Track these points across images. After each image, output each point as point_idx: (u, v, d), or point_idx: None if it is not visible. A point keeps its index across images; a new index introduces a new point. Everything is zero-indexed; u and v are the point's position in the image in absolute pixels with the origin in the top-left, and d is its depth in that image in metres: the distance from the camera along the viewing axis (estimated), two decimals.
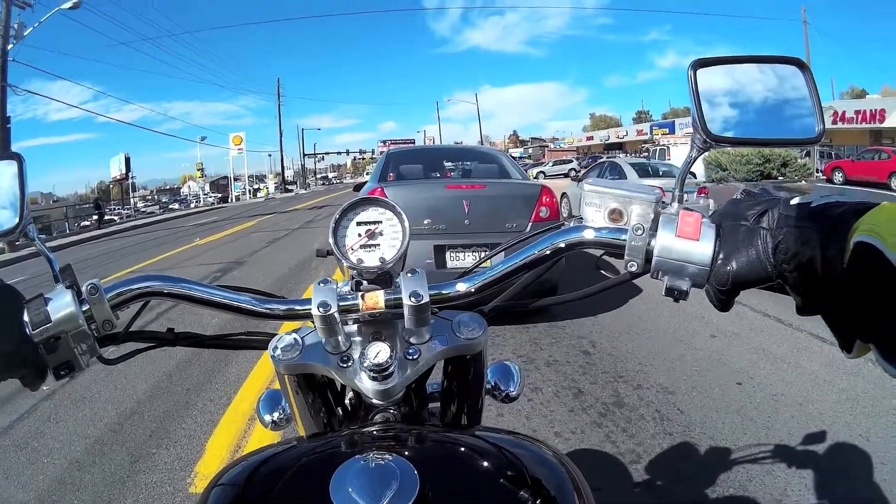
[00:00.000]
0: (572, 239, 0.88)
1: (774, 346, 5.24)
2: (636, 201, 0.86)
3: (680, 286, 0.79)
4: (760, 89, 0.92)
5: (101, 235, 27.82)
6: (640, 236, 0.81)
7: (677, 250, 0.78)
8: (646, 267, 0.82)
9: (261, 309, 0.91)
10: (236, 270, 10.91)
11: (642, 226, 0.82)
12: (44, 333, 0.80)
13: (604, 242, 0.86)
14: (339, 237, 0.87)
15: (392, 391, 0.82)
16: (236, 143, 65.95)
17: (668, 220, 0.80)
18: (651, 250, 0.80)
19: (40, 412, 4.49)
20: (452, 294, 0.91)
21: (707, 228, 0.78)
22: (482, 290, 0.91)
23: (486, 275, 0.91)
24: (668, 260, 0.79)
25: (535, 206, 5.91)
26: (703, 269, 0.77)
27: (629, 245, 0.82)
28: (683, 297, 0.80)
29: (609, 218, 0.87)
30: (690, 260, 0.78)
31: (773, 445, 3.44)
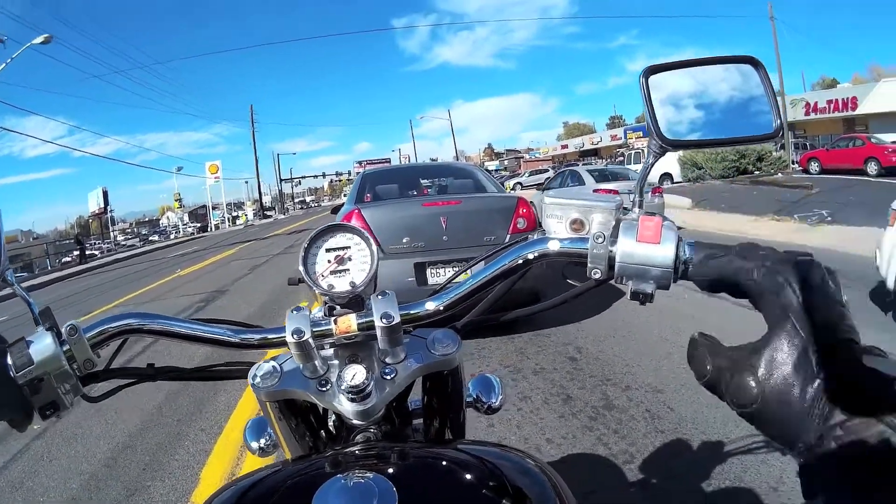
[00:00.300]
0: (536, 251, 0.89)
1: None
2: (596, 210, 0.89)
3: (644, 289, 0.80)
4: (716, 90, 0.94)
5: (83, 271, 27.74)
6: (601, 244, 0.82)
7: (639, 255, 0.79)
8: (609, 273, 0.83)
9: (236, 339, 0.92)
10: (219, 299, 10.86)
11: (603, 233, 0.83)
12: (27, 375, 0.80)
13: (567, 252, 0.87)
14: (309, 265, 0.89)
15: (371, 411, 0.83)
16: (213, 172, 65.74)
17: (628, 226, 0.81)
18: (613, 256, 0.81)
19: (33, 451, 4.44)
20: (422, 313, 0.92)
21: (667, 231, 0.79)
22: (451, 307, 0.92)
23: (454, 292, 0.93)
24: (630, 265, 0.80)
25: (512, 218, 5.92)
26: (667, 272, 0.78)
27: (591, 253, 0.83)
28: (649, 300, 0.80)
29: (571, 228, 0.90)
30: (652, 263, 0.79)
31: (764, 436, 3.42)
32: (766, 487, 2.90)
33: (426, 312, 0.92)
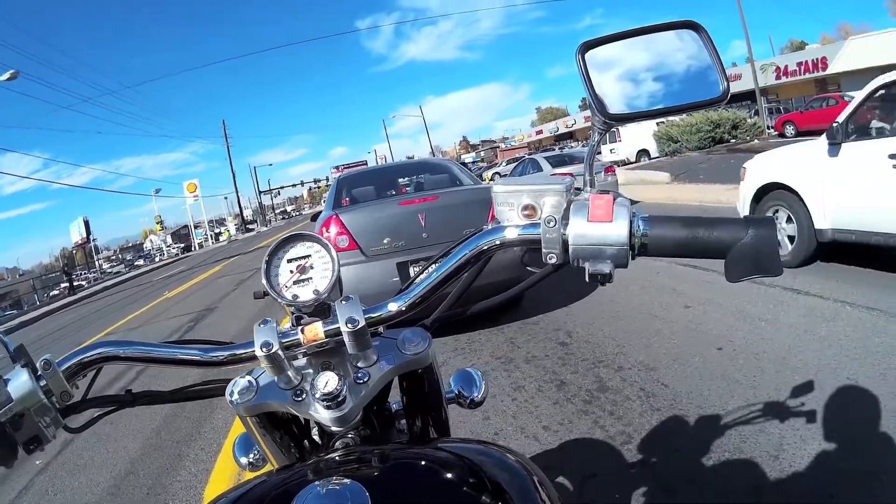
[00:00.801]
0: (491, 241, 0.89)
1: (750, 306, 5.30)
2: (547, 193, 0.86)
3: (602, 269, 0.79)
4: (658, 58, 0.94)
5: (72, 302, 27.60)
6: (552, 228, 0.82)
7: (592, 235, 0.79)
8: (565, 257, 0.83)
9: (205, 358, 0.93)
10: (209, 317, 10.83)
11: (553, 217, 0.82)
12: (8, 413, 0.82)
13: (522, 240, 0.87)
14: (271, 277, 0.89)
15: (348, 416, 0.84)
16: (191, 191, 65.37)
17: (579, 207, 0.81)
18: (566, 239, 0.81)
19: (38, 486, 4.42)
20: (386, 315, 0.92)
21: (620, 208, 0.80)
22: (414, 306, 0.92)
23: (415, 290, 0.93)
24: (584, 246, 0.80)
25: (489, 209, 5.86)
26: (622, 249, 0.79)
27: (544, 238, 0.83)
28: (608, 280, 0.80)
29: (523, 214, 0.88)
30: (607, 242, 0.79)
31: (762, 404, 3.45)
32: (766, 456, 2.91)
33: (390, 314, 0.91)
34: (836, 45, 37.80)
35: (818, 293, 5.41)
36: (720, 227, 0.78)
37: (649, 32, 0.91)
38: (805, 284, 5.65)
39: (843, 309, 4.89)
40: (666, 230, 0.79)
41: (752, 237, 0.76)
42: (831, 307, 5.01)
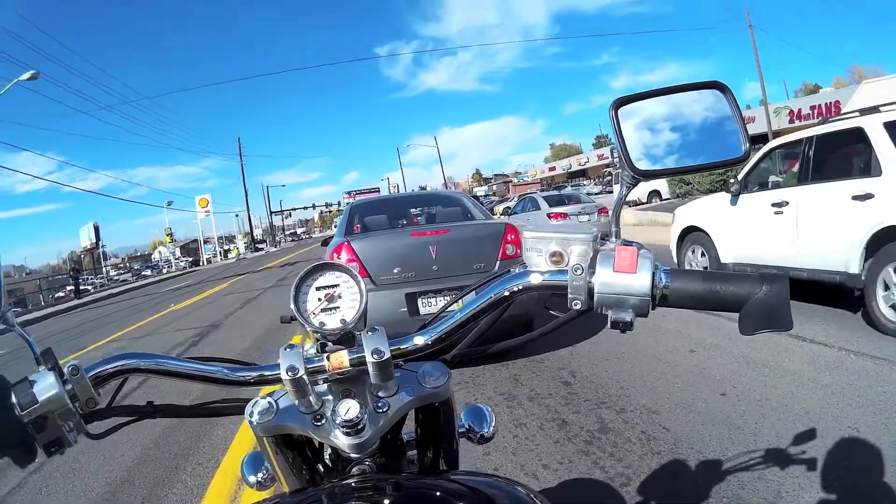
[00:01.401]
0: (518, 285, 0.92)
1: (754, 352, 5.29)
2: (575, 242, 0.91)
3: (623, 318, 0.83)
4: (685, 117, 0.97)
5: (77, 306, 27.69)
6: (579, 276, 0.86)
7: (617, 284, 0.83)
8: (590, 303, 0.86)
9: (233, 377, 0.95)
10: (214, 333, 10.82)
11: (581, 265, 0.86)
12: (32, 414, 0.83)
13: (548, 285, 0.91)
14: (300, 303, 0.91)
15: (366, 444, 0.86)
16: (203, 206, 65.53)
17: (605, 257, 0.85)
18: (592, 287, 0.85)
19: (31, 485, 4.45)
20: (411, 348, 0.95)
21: (643, 260, 0.83)
22: (439, 342, 0.95)
23: (441, 327, 0.95)
24: (608, 295, 0.84)
25: (500, 245, 5.92)
26: (644, 300, 0.83)
27: (571, 285, 0.87)
28: (629, 328, 0.84)
29: (550, 261, 0.92)
30: (630, 292, 0.83)
31: (763, 450, 3.45)
32: (764, 503, 2.90)
33: (415, 347, 0.94)
34: (850, 88, 37.77)
35: (822, 341, 5.43)
36: (737, 283, 0.82)
37: (678, 91, 0.95)
38: (810, 332, 5.65)
39: (847, 357, 4.90)
40: (686, 283, 0.83)
41: (765, 293, 0.79)
42: (835, 355, 5.02)
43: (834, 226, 6.15)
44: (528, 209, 19.57)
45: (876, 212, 5.61)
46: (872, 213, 5.65)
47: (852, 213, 5.88)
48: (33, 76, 26.67)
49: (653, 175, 0.92)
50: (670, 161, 0.92)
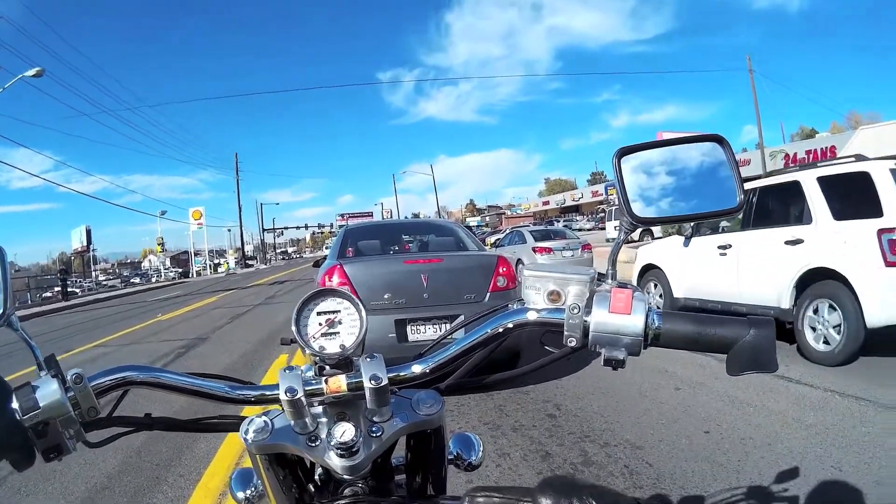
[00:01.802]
0: (516, 321, 0.97)
1: (739, 391, 5.32)
2: (572, 282, 0.94)
3: (616, 356, 0.87)
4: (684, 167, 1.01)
5: (63, 308, 27.56)
6: (576, 315, 0.90)
7: (611, 324, 0.88)
8: (584, 341, 0.91)
9: (233, 395, 0.98)
10: (200, 346, 10.77)
11: (578, 305, 0.91)
12: (33, 419, 0.84)
13: (545, 322, 0.95)
14: (301, 326, 0.93)
15: (359, 466, 0.88)
16: (196, 218, 65.51)
17: (601, 298, 0.90)
18: (588, 326, 0.89)
19: (9, 484, 4.42)
20: (409, 375, 0.98)
21: (637, 302, 0.88)
22: (436, 370, 0.99)
23: (439, 356, 0.99)
24: (603, 334, 0.88)
25: (492, 276, 5.98)
26: (637, 340, 0.87)
27: (567, 323, 0.91)
28: (621, 366, 0.88)
29: (548, 299, 0.96)
30: (624, 332, 0.87)
31: (746, 487, 3.47)
32: None
33: (413, 375, 0.98)
34: (846, 134, 38.17)
35: (808, 382, 5.50)
36: (725, 326, 0.86)
37: (679, 143, 1.00)
38: (796, 373, 5.70)
39: (833, 398, 4.95)
40: (677, 325, 0.88)
41: (753, 336, 0.84)
42: (820, 396, 5.08)
43: (769, 266, 7.19)
44: (514, 242, 20.02)
45: (804, 255, 6.64)
46: (802, 256, 6.68)
47: (785, 255, 6.89)
48: (38, 73, 26.67)
49: (650, 222, 0.97)
50: (668, 209, 0.96)
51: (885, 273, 5.83)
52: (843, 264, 6.17)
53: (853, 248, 6.11)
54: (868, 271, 5.96)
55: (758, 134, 37.93)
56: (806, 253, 6.61)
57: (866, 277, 5.96)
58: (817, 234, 6.54)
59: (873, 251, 5.90)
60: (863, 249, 6.01)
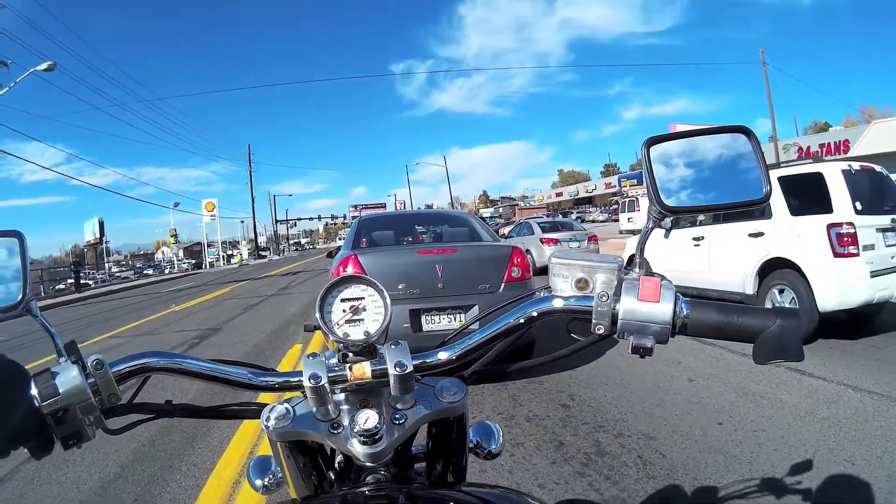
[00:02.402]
0: (543, 308, 0.96)
1: (753, 384, 5.32)
2: (600, 270, 0.94)
3: (644, 344, 0.87)
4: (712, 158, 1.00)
5: (77, 300, 27.71)
6: (605, 302, 0.90)
7: (640, 312, 0.87)
8: (612, 329, 0.90)
9: (256, 382, 0.97)
10: (213, 337, 10.81)
11: (607, 293, 0.90)
12: (52, 406, 0.82)
13: (572, 310, 0.94)
14: (325, 313, 0.92)
15: (382, 454, 0.87)
16: (209, 210, 65.96)
17: (630, 286, 0.89)
18: (616, 314, 0.89)
19: (23, 474, 4.46)
20: (435, 362, 0.97)
21: (666, 290, 0.87)
22: (462, 357, 0.98)
23: (465, 343, 0.98)
24: (632, 322, 0.87)
25: (506, 267, 5.97)
26: (665, 328, 0.87)
27: (596, 311, 0.90)
28: (648, 354, 0.88)
29: (576, 286, 0.95)
30: (652, 320, 0.87)
31: (758, 479, 3.47)
32: None
33: (439, 362, 0.97)
34: (859, 128, 37.82)
35: (822, 375, 5.46)
36: (752, 316, 0.86)
37: (706, 134, 0.99)
38: (810, 366, 5.67)
39: (846, 392, 4.94)
40: (704, 314, 0.88)
41: (779, 326, 0.84)
42: (834, 389, 5.06)
43: (736, 256, 8.05)
44: (523, 233, 20.19)
45: (765, 246, 7.51)
46: (763, 247, 7.55)
47: (749, 247, 7.76)
48: (50, 67, 26.70)
49: (678, 211, 0.95)
50: (696, 199, 0.96)
51: (834, 263, 6.67)
52: (797, 255, 7.06)
53: (806, 240, 6.97)
54: (819, 261, 6.81)
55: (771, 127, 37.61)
56: (766, 245, 7.51)
57: (817, 267, 6.82)
58: (776, 228, 7.41)
59: (823, 243, 6.74)
60: (814, 242, 6.85)
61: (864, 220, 6.73)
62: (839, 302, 6.70)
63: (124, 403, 0.94)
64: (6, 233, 0.96)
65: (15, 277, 0.93)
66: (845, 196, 6.80)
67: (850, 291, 6.65)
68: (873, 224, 6.83)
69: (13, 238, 0.95)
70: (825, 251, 6.73)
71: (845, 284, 6.65)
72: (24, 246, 0.95)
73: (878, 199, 7.19)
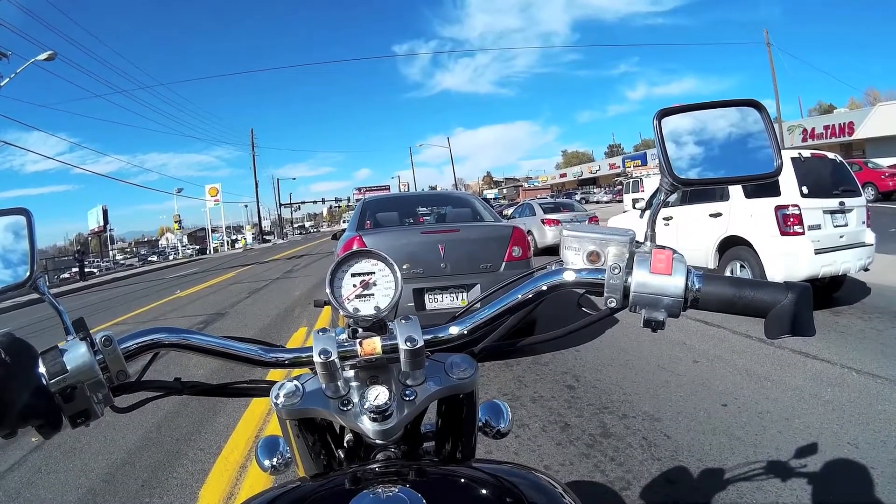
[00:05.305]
0: (555, 281, 0.95)
1: (757, 365, 5.33)
2: (612, 243, 0.93)
3: (656, 317, 0.86)
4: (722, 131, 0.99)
5: (81, 288, 27.77)
6: (617, 275, 0.89)
7: (652, 285, 0.86)
8: (624, 302, 0.89)
9: (267, 358, 0.96)
10: (219, 322, 10.85)
11: (619, 265, 0.89)
12: (61, 383, 0.82)
13: (584, 282, 0.93)
14: (335, 288, 0.92)
15: (392, 430, 0.87)
16: (212, 195, 65.69)
17: (642, 259, 0.88)
18: (628, 287, 0.88)
19: (31, 463, 4.47)
20: (446, 337, 0.96)
21: (678, 263, 0.87)
22: (474, 331, 0.97)
23: (476, 318, 0.97)
24: (644, 294, 0.87)
25: (507, 247, 6.06)
26: (678, 301, 0.86)
27: (608, 283, 0.89)
28: (661, 327, 0.87)
29: (587, 259, 0.94)
30: (665, 293, 0.86)
31: (763, 462, 3.48)
32: None
33: (450, 336, 0.96)
34: (864, 110, 37.67)
35: (826, 358, 5.45)
36: (764, 290, 0.85)
37: (717, 107, 0.98)
38: (813, 349, 5.66)
39: (850, 375, 4.94)
40: (717, 288, 0.86)
41: (791, 301, 0.83)
42: (838, 372, 5.06)
43: (699, 234, 8.77)
44: (525, 214, 20.49)
45: (723, 225, 8.38)
46: (721, 226, 8.41)
47: (709, 226, 8.58)
48: (50, 57, 26.56)
49: (690, 183, 0.94)
50: (707, 172, 0.95)
51: (781, 241, 7.51)
52: (750, 233, 7.92)
53: (758, 220, 7.79)
54: (768, 239, 7.65)
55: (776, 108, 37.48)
56: (724, 224, 8.37)
57: (767, 244, 7.67)
58: (732, 209, 8.25)
59: (772, 223, 7.56)
60: (764, 222, 7.68)
61: (810, 202, 7.53)
62: (786, 275, 7.27)
63: (133, 381, 0.94)
64: (13, 210, 0.95)
65: (22, 255, 0.93)
66: (792, 181, 7.54)
67: (795, 266, 7.38)
68: (820, 206, 7.63)
69: (20, 216, 0.94)
70: (773, 230, 7.58)
71: (791, 260, 7.43)
72: (31, 224, 0.94)
73: (828, 184, 7.96)
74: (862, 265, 7.96)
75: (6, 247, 0.94)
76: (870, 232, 8.28)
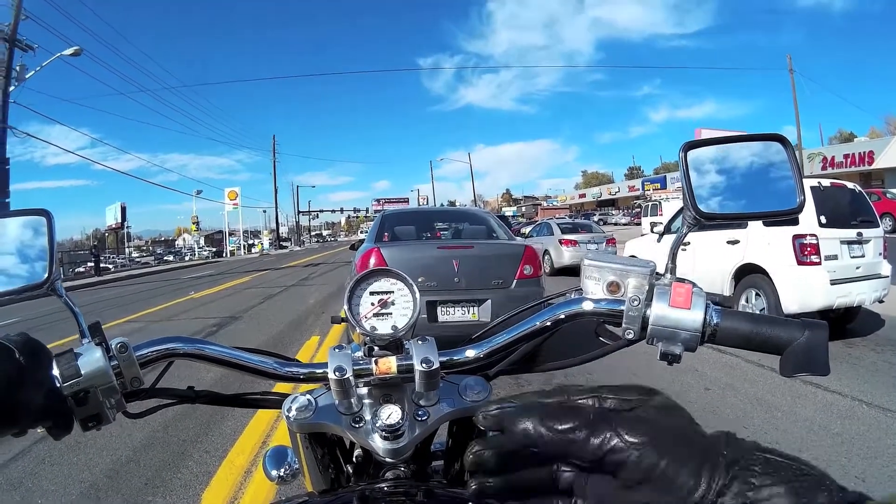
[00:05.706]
0: (573, 310, 0.94)
1: (769, 395, 5.31)
2: (632, 274, 0.93)
3: (673, 350, 0.86)
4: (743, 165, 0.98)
5: (96, 283, 27.92)
6: (636, 307, 0.88)
7: (671, 318, 0.85)
8: (642, 334, 0.88)
9: (281, 372, 0.96)
10: (232, 325, 10.87)
11: (639, 297, 0.88)
12: (74, 387, 0.82)
13: (603, 312, 0.92)
14: (353, 305, 0.92)
15: (403, 450, 0.86)
16: (231, 198, 66.36)
17: (662, 292, 0.88)
18: (647, 319, 0.87)
19: (34, 454, 4.51)
20: (462, 360, 0.96)
21: (697, 298, 0.86)
22: (490, 356, 0.96)
23: (493, 342, 0.97)
24: (662, 328, 0.86)
25: (519, 264, 6.26)
26: (695, 335, 0.85)
27: (626, 315, 0.89)
28: (676, 361, 0.86)
29: (607, 289, 0.94)
30: (683, 327, 0.85)
31: None
32: None
33: (466, 359, 0.96)
34: (884, 140, 37.59)
35: (837, 389, 5.41)
36: (780, 327, 0.84)
37: (742, 141, 0.97)
38: (825, 380, 5.60)
39: (860, 408, 4.91)
40: (734, 323, 0.86)
41: (807, 338, 0.82)
42: (848, 404, 5.02)
43: (715, 261, 8.79)
44: (542, 234, 20.51)
45: (740, 253, 8.38)
46: (738, 253, 8.41)
47: (726, 253, 8.58)
48: (76, 52, 26.87)
49: (714, 218, 0.93)
50: (731, 207, 0.94)
51: (797, 270, 7.50)
52: (767, 261, 7.92)
53: (775, 249, 7.77)
54: (784, 268, 7.65)
55: (797, 135, 37.39)
56: (741, 251, 8.36)
57: (783, 273, 7.68)
58: (749, 236, 8.21)
59: (788, 252, 7.54)
60: (781, 250, 7.66)
61: (827, 232, 7.52)
62: (801, 305, 7.46)
63: (147, 388, 0.94)
64: (34, 211, 0.95)
65: (41, 257, 0.92)
66: (811, 210, 7.50)
67: (810, 296, 7.43)
68: (837, 237, 7.62)
69: (41, 217, 0.94)
70: (790, 259, 7.56)
71: (806, 290, 7.47)
72: (51, 225, 0.94)
73: (846, 214, 7.94)
74: (877, 297, 7.89)
75: (26, 247, 0.94)
76: (886, 263, 8.24)
